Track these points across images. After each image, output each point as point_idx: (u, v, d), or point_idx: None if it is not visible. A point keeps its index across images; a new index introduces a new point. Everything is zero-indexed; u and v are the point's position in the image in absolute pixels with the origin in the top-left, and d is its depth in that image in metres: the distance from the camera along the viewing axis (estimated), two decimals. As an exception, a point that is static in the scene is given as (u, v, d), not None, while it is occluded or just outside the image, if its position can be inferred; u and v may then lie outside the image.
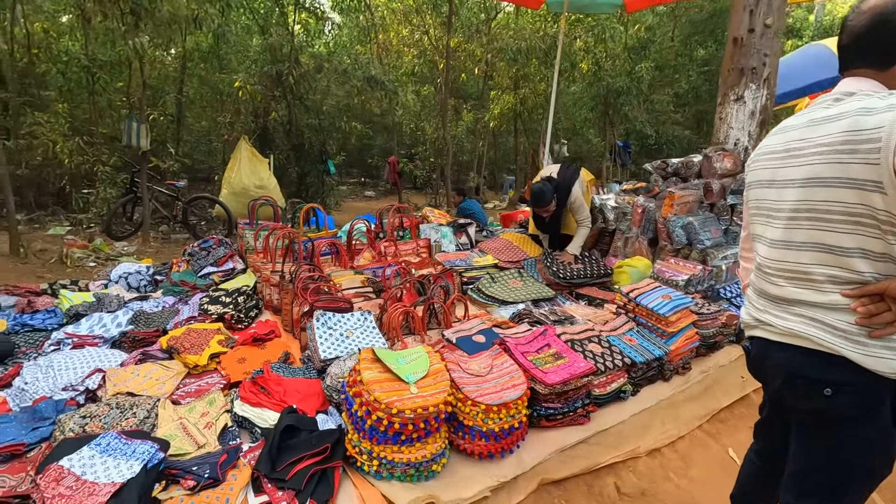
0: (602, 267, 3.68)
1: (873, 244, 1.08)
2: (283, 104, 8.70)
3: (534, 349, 2.29)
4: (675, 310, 2.59)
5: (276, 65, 8.01)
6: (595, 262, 3.77)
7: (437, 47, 10.12)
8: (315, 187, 9.06)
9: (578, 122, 15.97)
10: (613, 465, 2.14)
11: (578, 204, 3.91)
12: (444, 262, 3.85)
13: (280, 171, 9.34)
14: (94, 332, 2.78)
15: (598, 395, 2.28)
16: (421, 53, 10.38)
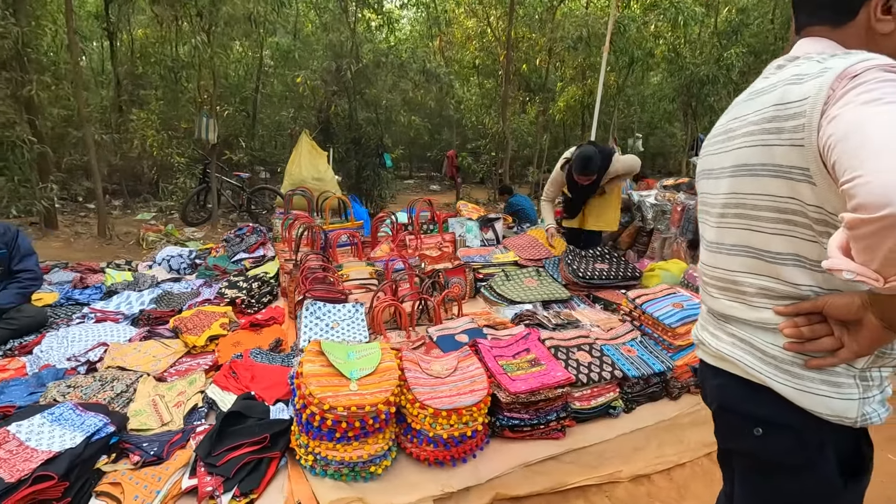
0: (629, 269, 3.37)
1: (808, 249, 0.84)
2: (343, 99, 8.98)
3: (510, 353, 2.12)
4: (684, 320, 2.29)
5: (338, 60, 8.28)
6: (622, 262, 3.47)
7: (499, 39, 9.90)
8: (372, 180, 9.26)
9: (658, 114, 14.92)
10: (586, 488, 1.93)
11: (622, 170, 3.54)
12: (464, 258, 3.74)
13: (340, 165, 9.67)
14: (120, 309, 3.02)
15: (580, 410, 2.07)
16: (484, 46, 10.20)
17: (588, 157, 3.33)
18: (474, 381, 1.91)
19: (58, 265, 4.06)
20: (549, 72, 10.55)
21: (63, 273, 3.83)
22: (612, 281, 3.28)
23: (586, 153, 3.34)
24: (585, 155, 3.33)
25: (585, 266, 3.36)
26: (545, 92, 10.92)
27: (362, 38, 8.52)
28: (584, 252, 3.59)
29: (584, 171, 3.36)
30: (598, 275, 3.28)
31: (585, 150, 3.36)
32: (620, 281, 3.30)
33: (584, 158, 3.33)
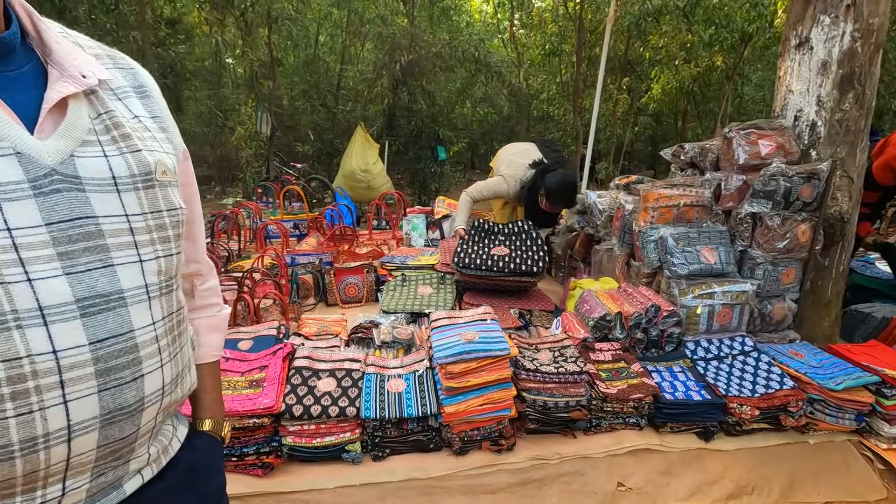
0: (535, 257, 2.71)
1: None
2: (403, 91, 9.01)
3: (240, 370, 1.86)
4: (460, 357, 1.77)
5: (394, 52, 8.32)
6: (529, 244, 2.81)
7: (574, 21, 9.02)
8: (425, 173, 9.18)
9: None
10: (258, 543, 1.61)
11: None
12: (385, 258, 3.46)
13: (398, 157, 9.77)
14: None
15: (296, 447, 1.73)
16: (560, 30, 9.39)
17: (573, 186, 2.73)
18: (161, 395, 1.70)
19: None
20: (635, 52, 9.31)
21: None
22: (500, 274, 2.69)
23: (570, 182, 2.73)
24: (570, 184, 2.73)
25: (479, 251, 2.79)
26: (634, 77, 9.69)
27: (421, 28, 8.42)
28: (493, 228, 3.01)
29: (563, 203, 2.78)
30: (491, 265, 2.70)
31: (568, 178, 2.75)
32: (511, 275, 2.70)
33: (569, 188, 2.72)
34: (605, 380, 1.95)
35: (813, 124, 2.38)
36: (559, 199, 2.73)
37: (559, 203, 2.75)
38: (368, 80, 8.56)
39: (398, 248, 3.87)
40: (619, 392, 1.90)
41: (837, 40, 2.26)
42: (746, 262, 2.39)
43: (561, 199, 2.74)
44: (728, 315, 2.26)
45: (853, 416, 2.02)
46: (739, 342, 2.25)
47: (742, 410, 1.94)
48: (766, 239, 2.29)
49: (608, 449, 1.89)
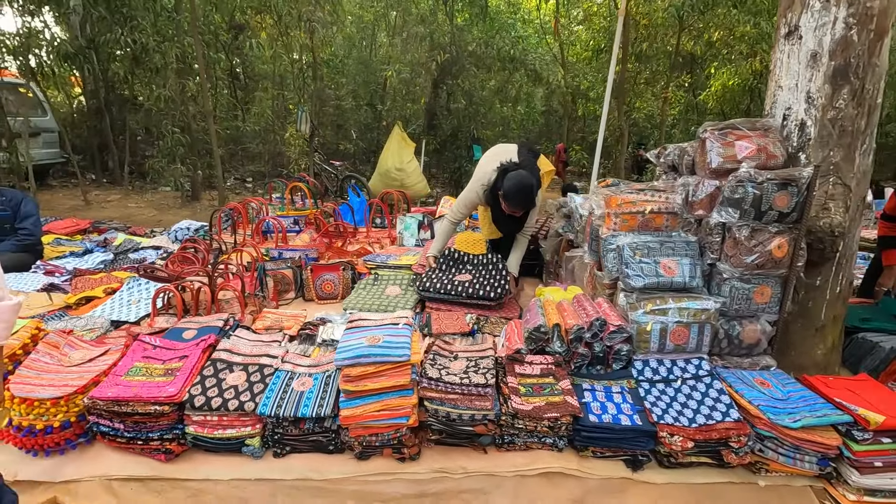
0: (495, 286, 2.66)
1: None
2: (442, 90, 9.03)
3: (161, 357, 1.94)
4: (357, 360, 1.73)
5: (432, 52, 8.36)
6: (492, 275, 2.76)
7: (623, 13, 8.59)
8: (460, 172, 9.14)
9: None
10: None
11: (538, 206, 2.94)
12: (367, 256, 3.49)
13: (436, 156, 9.80)
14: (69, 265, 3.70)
15: (199, 437, 1.78)
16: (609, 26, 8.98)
17: (528, 188, 2.63)
18: (82, 375, 1.82)
19: (115, 226, 5.18)
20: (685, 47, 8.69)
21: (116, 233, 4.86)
22: (459, 298, 2.64)
23: (525, 183, 2.63)
24: (525, 185, 2.62)
25: (442, 278, 2.77)
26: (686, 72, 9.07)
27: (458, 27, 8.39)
28: (462, 258, 2.97)
29: (519, 205, 2.70)
30: (451, 289, 2.66)
31: (524, 180, 2.64)
32: (469, 299, 2.63)
33: (523, 190, 2.62)
34: (522, 395, 1.84)
35: (802, 124, 2.10)
36: (515, 201, 2.63)
37: (515, 204, 2.64)
38: (406, 80, 8.64)
39: (389, 247, 3.89)
40: (533, 409, 1.78)
41: (829, 27, 1.97)
42: (715, 278, 2.15)
43: (516, 201, 2.63)
44: (683, 334, 2.04)
45: (814, 460, 1.76)
46: (694, 365, 2.03)
47: (672, 441, 1.75)
48: (734, 253, 2.05)
49: (519, 469, 1.78)
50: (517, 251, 3.01)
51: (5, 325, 0.98)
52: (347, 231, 4.02)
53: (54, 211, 7.06)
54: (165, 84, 7.66)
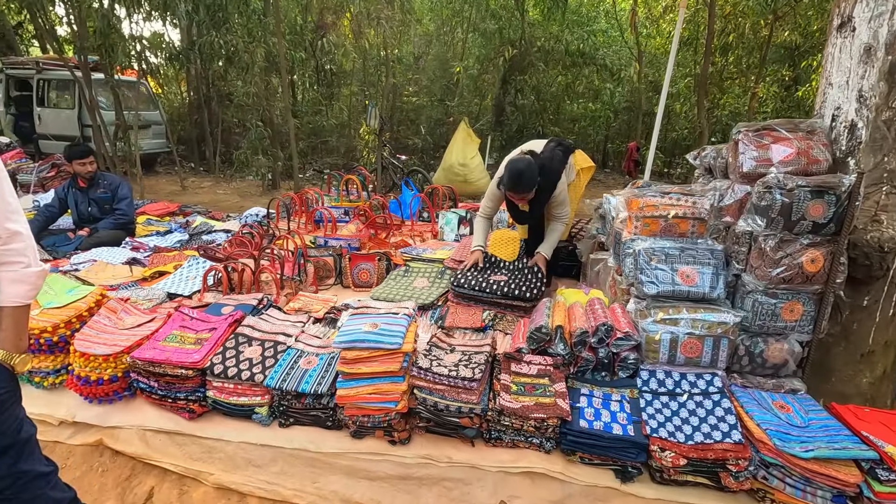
0: (531, 286, 2.65)
1: None
2: (511, 86, 8.98)
3: (194, 328, 2.19)
4: (353, 344, 1.84)
5: (501, 48, 8.34)
6: (527, 276, 2.76)
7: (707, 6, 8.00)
8: (526, 169, 9.02)
9: None
10: (168, 473, 1.91)
11: (562, 198, 2.92)
12: (403, 248, 3.63)
13: (503, 153, 9.75)
14: (152, 243, 4.21)
15: (218, 401, 1.99)
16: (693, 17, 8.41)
17: (518, 172, 2.66)
18: (129, 338, 2.11)
19: (197, 210, 5.78)
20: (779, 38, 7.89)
21: (197, 216, 5.44)
22: (493, 296, 2.65)
23: (516, 168, 2.67)
24: (515, 170, 2.67)
25: (478, 276, 2.81)
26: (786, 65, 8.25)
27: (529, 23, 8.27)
28: (499, 263, 3.00)
29: (514, 190, 2.73)
30: (485, 287, 2.68)
31: (516, 164, 2.69)
32: (504, 298, 2.64)
33: (514, 174, 2.66)
34: (513, 393, 1.85)
35: (852, 126, 1.89)
36: (508, 185, 2.68)
37: (509, 188, 2.69)
38: (474, 76, 8.68)
39: (429, 240, 3.99)
40: (521, 408, 1.79)
41: (886, 18, 1.76)
42: (739, 290, 2.01)
43: (509, 184, 2.67)
44: (696, 347, 1.93)
45: (829, 495, 1.61)
46: (706, 381, 1.92)
47: (663, 456, 1.68)
48: (759, 264, 1.90)
49: (503, 464, 1.80)
50: (551, 236, 2.98)
51: (30, 288, 1.19)
52: (393, 224, 4.18)
53: (156, 195, 7.99)
54: (252, 81, 8.35)
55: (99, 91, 8.35)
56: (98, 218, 4.34)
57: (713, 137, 8.67)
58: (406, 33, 8.22)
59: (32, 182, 5.78)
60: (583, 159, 3.32)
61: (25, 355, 1.20)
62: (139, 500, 1.85)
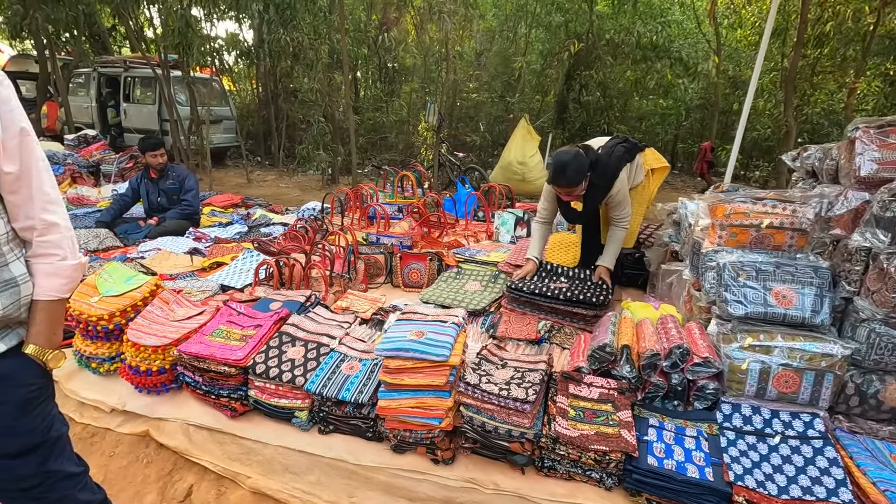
0: (596, 292, 2.43)
1: None
2: (575, 81, 8.60)
3: (241, 323, 2.15)
4: (399, 353, 1.70)
5: (566, 42, 7.99)
6: (590, 283, 2.54)
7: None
8: (588, 168, 8.62)
9: None
10: (209, 473, 1.87)
11: (621, 198, 2.68)
12: (456, 249, 3.49)
13: (566, 150, 9.38)
14: (214, 234, 4.32)
15: (259, 401, 1.93)
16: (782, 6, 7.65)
17: (561, 164, 2.46)
18: (178, 329, 2.10)
19: (259, 202, 5.93)
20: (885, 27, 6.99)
21: (258, 209, 5.59)
22: (553, 301, 2.44)
23: (560, 159, 2.47)
24: (558, 161, 2.48)
25: (536, 282, 2.61)
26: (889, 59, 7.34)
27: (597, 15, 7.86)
28: (557, 270, 2.78)
29: (556, 182, 2.53)
30: (546, 291, 2.47)
31: (561, 155, 2.50)
32: (568, 304, 2.42)
33: (557, 166, 2.48)
34: (570, 419, 1.65)
35: None
36: (551, 178, 2.52)
37: (552, 180, 2.51)
38: (537, 71, 8.39)
39: (483, 241, 3.82)
40: (579, 437, 1.59)
41: None
42: (849, 316, 1.69)
43: (552, 177, 2.51)
44: (793, 381, 1.64)
45: (968, 581, 1.29)
46: (804, 422, 1.63)
47: (750, 510, 1.42)
48: (879, 287, 1.58)
49: (555, 498, 1.61)
50: (611, 245, 2.73)
51: (66, 282, 1.14)
52: (446, 222, 4.05)
53: (223, 187, 8.35)
54: (316, 78, 8.52)
55: (177, 88, 8.82)
56: (166, 208, 4.52)
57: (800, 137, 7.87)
58: (468, 28, 8.06)
59: (113, 172, 6.16)
60: (655, 158, 3.02)
61: (58, 351, 1.16)
62: (179, 496, 1.83)
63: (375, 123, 11.30)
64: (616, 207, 2.68)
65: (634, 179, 2.83)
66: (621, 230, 2.70)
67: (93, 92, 9.80)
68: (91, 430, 2.08)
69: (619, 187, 2.64)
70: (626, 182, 2.68)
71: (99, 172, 6.30)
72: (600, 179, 2.59)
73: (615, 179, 2.62)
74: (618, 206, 2.68)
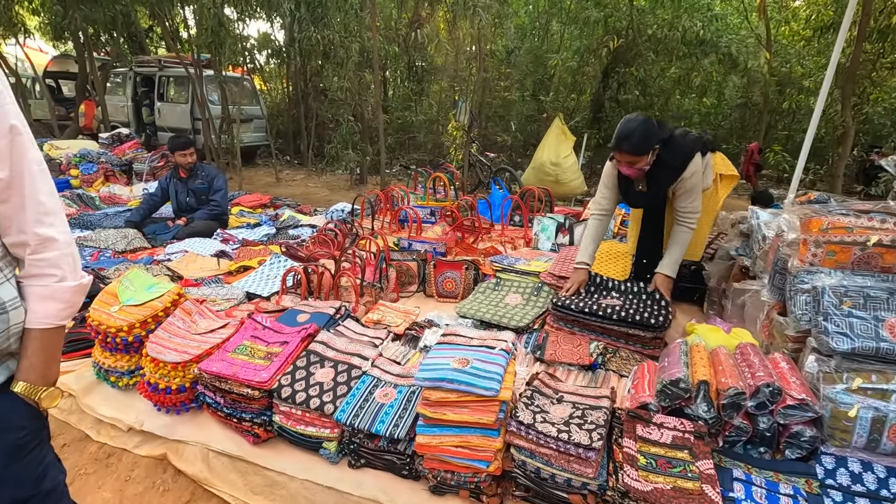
0: (655, 311, 2.17)
1: None
2: (613, 79, 8.25)
3: (266, 338, 1.97)
4: (440, 383, 1.49)
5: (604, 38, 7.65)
6: (647, 300, 2.28)
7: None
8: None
9: None
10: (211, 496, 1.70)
11: (691, 185, 2.38)
12: (494, 257, 3.26)
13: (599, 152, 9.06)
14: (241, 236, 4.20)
15: (284, 427, 1.75)
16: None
17: (628, 130, 2.21)
18: (200, 346, 1.94)
19: (287, 203, 5.83)
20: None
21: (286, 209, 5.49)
22: (605, 321, 2.19)
23: (628, 124, 2.23)
24: (625, 126, 2.23)
25: (585, 299, 2.36)
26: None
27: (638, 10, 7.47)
28: (607, 283, 2.52)
29: (620, 148, 2.26)
30: (597, 310, 2.23)
31: (629, 120, 2.25)
32: (622, 324, 2.16)
33: (623, 129, 2.23)
34: (640, 468, 1.41)
35: None
36: (614, 142, 2.26)
37: (615, 145, 2.26)
38: (573, 69, 8.07)
39: (522, 248, 3.58)
40: (653, 492, 1.35)
41: None
42: (983, 357, 1.40)
43: (615, 141, 2.25)
44: (913, 434, 1.36)
45: None
46: (930, 484, 1.34)
47: None
48: None
49: (623, 561, 1.37)
50: (674, 248, 2.43)
51: (63, 307, 0.98)
52: (482, 227, 3.83)
53: (252, 186, 8.32)
54: (346, 76, 8.41)
55: (209, 87, 8.85)
56: (195, 208, 4.44)
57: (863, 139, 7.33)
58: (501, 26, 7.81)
59: (145, 171, 6.16)
60: (724, 164, 2.73)
61: (54, 389, 0.99)
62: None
63: (404, 123, 11.15)
64: (685, 196, 2.38)
65: (705, 180, 2.54)
66: (686, 229, 2.41)
67: (129, 91, 9.94)
68: (107, 449, 1.94)
69: (692, 170, 2.34)
70: (700, 168, 2.37)
71: (131, 171, 6.32)
72: (672, 158, 2.32)
73: (689, 161, 2.33)
74: (687, 194, 2.37)
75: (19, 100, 8.42)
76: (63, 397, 1.66)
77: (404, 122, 11.15)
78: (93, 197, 5.27)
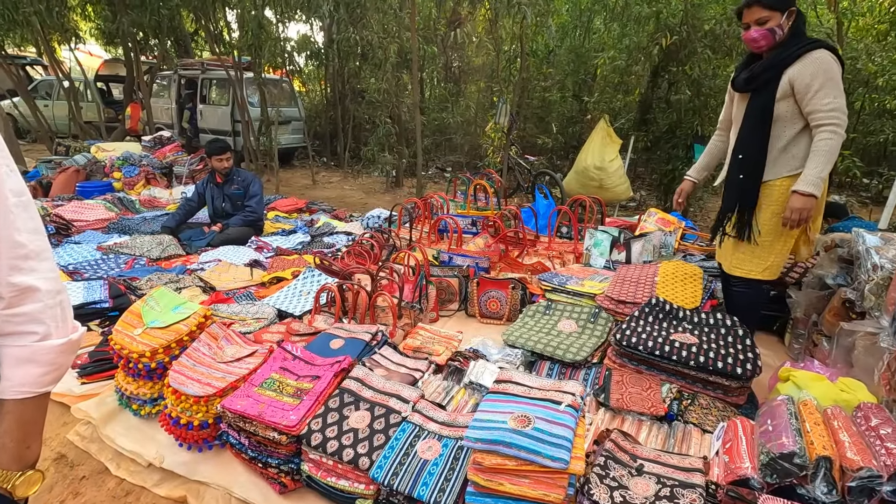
0: (744, 355, 1.85)
1: None
2: (663, 79, 7.78)
3: (296, 371, 1.78)
4: (496, 446, 1.24)
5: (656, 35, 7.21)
6: (729, 335, 1.95)
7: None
8: (675, 176, 7.76)
9: None
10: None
11: (825, 77, 1.91)
12: (546, 275, 2.98)
13: (645, 156, 8.60)
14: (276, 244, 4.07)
15: (313, 478, 1.55)
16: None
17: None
18: (225, 377, 1.77)
19: (323, 207, 5.71)
20: None
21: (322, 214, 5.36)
22: (680, 366, 1.89)
23: None
24: None
25: (652, 333, 2.06)
26: None
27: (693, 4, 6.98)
28: (677, 313, 2.20)
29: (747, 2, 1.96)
30: (670, 351, 1.93)
31: None
32: (700, 371, 1.86)
33: None
34: (749, 569, 1.12)
35: None
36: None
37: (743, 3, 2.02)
38: (620, 68, 7.65)
39: (572, 265, 3.29)
40: None
41: None
42: None
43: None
44: None
45: None
46: None
47: None
48: None
49: None
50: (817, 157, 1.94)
51: (45, 371, 0.79)
52: (527, 240, 3.55)
53: (290, 188, 8.30)
54: (384, 78, 8.27)
55: (249, 90, 8.90)
56: (230, 214, 4.35)
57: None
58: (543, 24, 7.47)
59: (184, 174, 6.17)
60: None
61: (32, 472, 0.80)
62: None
63: (440, 124, 10.94)
64: (820, 93, 1.91)
65: None
66: (829, 135, 1.93)
67: (173, 93, 10.14)
68: (126, 486, 1.79)
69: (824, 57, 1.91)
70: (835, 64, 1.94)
71: (171, 173, 6.35)
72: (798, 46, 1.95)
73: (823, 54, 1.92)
74: (822, 89, 1.90)
75: (71, 103, 8.78)
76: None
77: (440, 123, 10.95)
78: (133, 200, 5.29)
